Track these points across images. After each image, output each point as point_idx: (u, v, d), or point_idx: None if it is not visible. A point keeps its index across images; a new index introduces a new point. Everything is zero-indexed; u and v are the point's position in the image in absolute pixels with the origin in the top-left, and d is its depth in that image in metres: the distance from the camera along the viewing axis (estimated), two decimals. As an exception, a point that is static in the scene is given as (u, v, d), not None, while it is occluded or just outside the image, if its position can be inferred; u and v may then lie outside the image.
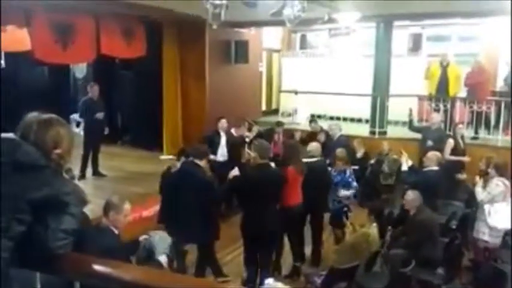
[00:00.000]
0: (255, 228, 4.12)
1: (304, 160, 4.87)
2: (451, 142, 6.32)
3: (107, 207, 3.04)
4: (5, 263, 1.41)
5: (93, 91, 6.88)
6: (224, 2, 4.07)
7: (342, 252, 4.44)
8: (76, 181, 5.55)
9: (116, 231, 3.02)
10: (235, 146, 6.71)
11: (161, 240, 3.84)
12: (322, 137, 6.97)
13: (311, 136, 7.24)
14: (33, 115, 1.58)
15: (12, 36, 6.10)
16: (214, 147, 6.37)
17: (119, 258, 1.92)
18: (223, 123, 6.67)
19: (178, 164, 4.74)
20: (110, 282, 1.47)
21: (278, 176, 4.30)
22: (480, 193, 4.62)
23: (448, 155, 6.15)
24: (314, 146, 5.27)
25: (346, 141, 6.86)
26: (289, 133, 7.88)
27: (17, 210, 1.42)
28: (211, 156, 6.01)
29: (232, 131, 6.93)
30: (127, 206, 3.06)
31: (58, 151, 1.55)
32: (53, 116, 1.62)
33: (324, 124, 7.99)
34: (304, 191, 4.69)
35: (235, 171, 4.27)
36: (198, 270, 4.45)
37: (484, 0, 5.85)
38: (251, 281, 4.24)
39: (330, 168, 5.51)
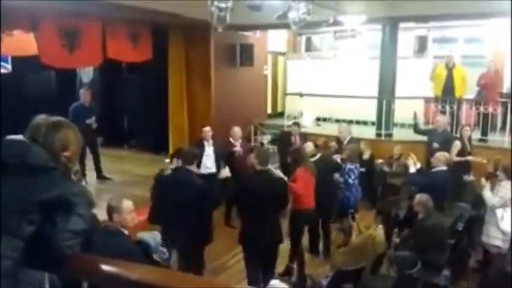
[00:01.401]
0: (255, 239, 3.95)
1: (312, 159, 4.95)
2: (457, 144, 6.28)
3: (109, 211, 3.05)
4: (14, 263, 1.42)
5: (85, 96, 6.85)
6: (229, 5, 4.08)
7: (347, 254, 4.42)
8: (84, 183, 5.60)
9: (126, 232, 3.03)
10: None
11: (152, 239, 3.79)
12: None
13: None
14: (41, 118, 1.60)
15: (19, 41, 6.16)
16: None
17: (132, 259, 1.92)
18: (206, 132, 6.02)
19: (170, 167, 4.73)
20: (117, 282, 1.48)
21: (279, 183, 4.13)
22: (491, 198, 4.51)
23: (454, 157, 6.11)
24: (309, 146, 5.37)
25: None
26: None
27: (27, 211, 1.43)
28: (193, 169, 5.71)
29: (231, 140, 6.26)
30: (126, 204, 3.05)
31: (66, 153, 1.57)
32: (62, 118, 1.64)
33: (330, 127, 7.97)
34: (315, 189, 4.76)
35: (226, 172, 4.27)
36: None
37: (490, 2, 5.82)
38: None
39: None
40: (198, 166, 5.60)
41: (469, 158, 6.33)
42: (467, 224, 5.02)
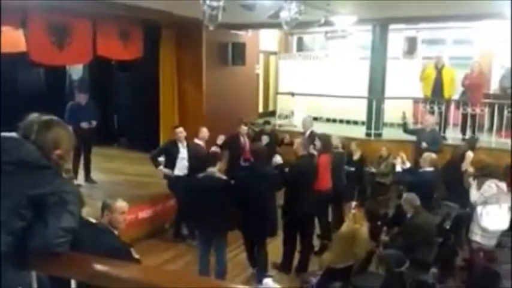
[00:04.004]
0: (298, 205, 4.71)
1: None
2: (470, 155, 6.16)
3: (102, 208, 3.09)
4: (3, 257, 1.43)
5: (80, 98, 6.69)
6: (221, 3, 4.09)
7: (333, 250, 4.48)
8: (74, 182, 5.54)
9: (115, 231, 3.03)
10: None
11: None
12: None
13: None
14: (34, 116, 1.62)
15: (8, 37, 6.08)
16: (170, 160, 5.72)
17: (118, 258, 1.92)
18: (180, 133, 5.82)
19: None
20: (107, 280, 1.48)
21: (315, 164, 5.05)
22: (474, 195, 4.66)
23: (468, 168, 6.04)
24: (335, 139, 6.02)
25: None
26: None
27: (17, 206, 1.45)
28: (164, 170, 5.71)
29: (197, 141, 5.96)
30: (119, 204, 3.08)
31: (58, 152, 1.59)
32: (54, 117, 1.66)
33: (320, 126, 8.00)
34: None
35: (278, 159, 5.09)
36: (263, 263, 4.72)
37: (479, 4, 5.91)
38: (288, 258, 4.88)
39: None
40: (173, 168, 5.69)
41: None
42: (455, 222, 5.10)
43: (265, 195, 4.50)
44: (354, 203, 5.31)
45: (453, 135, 7.81)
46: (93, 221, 3.17)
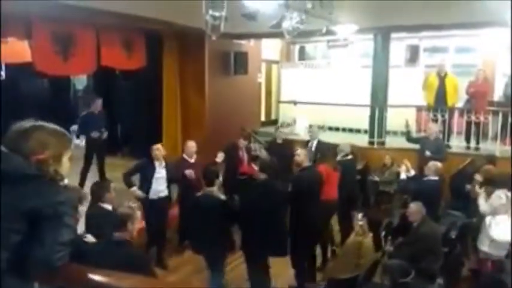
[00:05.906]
0: (307, 224, 4.51)
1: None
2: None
3: (124, 219, 2.94)
4: (4, 275, 1.41)
5: (95, 105, 6.81)
6: (223, 13, 4.12)
7: (337, 262, 4.43)
8: (66, 181, 5.51)
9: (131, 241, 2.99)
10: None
11: None
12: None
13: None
14: (18, 124, 1.57)
15: (13, 48, 6.15)
16: (145, 180, 5.17)
17: (135, 269, 1.87)
18: (155, 150, 5.20)
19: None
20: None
21: (320, 174, 4.89)
22: (483, 204, 4.60)
23: (477, 177, 5.92)
24: (346, 146, 6.08)
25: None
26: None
27: (12, 220, 1.42)
28: (137, 192, 5.11)
29: (185, 157, 5.67)
30: (138, 213, 3.07)
31: (41, 157, 1.52)
32: (36, 123, 1.59)
33: (322, 134, 7.98)
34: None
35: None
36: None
37: (481, 12, 5.92)
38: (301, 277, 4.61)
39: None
40: (148, 189, 5.13)
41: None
42: (460, 232, 5.05)
43: (275, 212, 4.29)
44: (360, 215, 5.28)
45: (457, 143, 7.77)
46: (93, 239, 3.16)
